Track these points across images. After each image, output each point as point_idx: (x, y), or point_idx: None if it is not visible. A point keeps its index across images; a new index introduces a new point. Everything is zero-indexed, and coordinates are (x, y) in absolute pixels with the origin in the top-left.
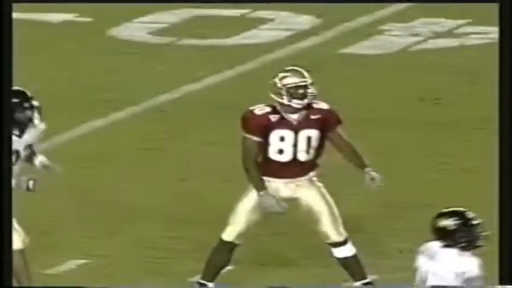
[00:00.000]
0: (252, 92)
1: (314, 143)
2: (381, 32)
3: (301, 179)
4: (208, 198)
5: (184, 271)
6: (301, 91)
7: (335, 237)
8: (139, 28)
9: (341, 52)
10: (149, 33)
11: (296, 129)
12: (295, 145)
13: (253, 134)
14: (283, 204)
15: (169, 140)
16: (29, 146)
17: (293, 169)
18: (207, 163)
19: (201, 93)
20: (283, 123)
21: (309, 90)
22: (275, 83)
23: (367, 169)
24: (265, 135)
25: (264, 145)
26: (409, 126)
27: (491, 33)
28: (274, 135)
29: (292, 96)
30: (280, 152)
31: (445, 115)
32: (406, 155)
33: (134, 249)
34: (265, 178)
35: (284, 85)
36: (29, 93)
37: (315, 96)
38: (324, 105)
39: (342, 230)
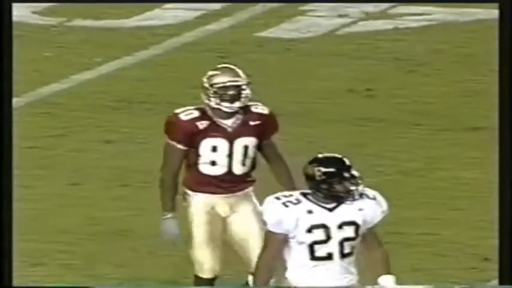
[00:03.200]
0: (156, 82)
1: (251, 152)
2: (303, 13)
3: (239, 193)
4: (104, 205)
5: None
6: (231, 92)
7: None
8: (21, 7)
9: (258, 35)
10: (34, 12)
11: (231, 138)
12: (230, 156)
13: (177, 141)
14: (177, 239)
15: (59, 138)
16: (350, 223)
17: (228, 183)
18: (103, 165)
19: (96, 83)
20: (215, 130)
21: (244, 92)
22: (203, 83)
23: None
24: (192, 144)
25: (193, 156)
26: (338, 121)
27: (430, 14)
28: (205, 145)
29: (221, 98)
30: (213, 163)
31: (379, 109)
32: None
33: (16, 266)
34: (199, 194)
35: (212, 85)
36: (347, 162)
37: (248, 99)
38: (263, 109)
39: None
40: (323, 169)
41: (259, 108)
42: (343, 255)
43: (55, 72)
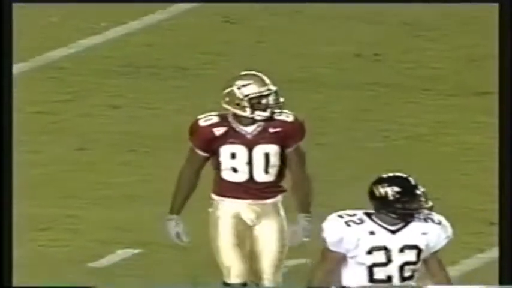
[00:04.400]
0: (162, 47)
1: (274, 160)
2: None
3: (266, 202)
4: (111, 171)
5: (82, 258)
6: (264, 101)
7: (266, 280)
8: None
9: None
10: None
11: (250, 145)
12: (249, 163)
13: (197, 147)
14: (184, 238)
15: (66, 103)
16: (412, 247)
17: (252, 191)
18: (110, 130)
19: (103, 48)
20: (233, 136)
21: (274, 99)
22: (232, 93)
23: (302, 215)
24: (211, 150)
25: (215, 162)
26: (345, 86)
27: None
28: (224, 152)
29: (253, 107)
30: (234, 170)
31: (386, 74)
32: (342, 121)
33: (23, 230)
34: (225, 199)
35: (246, 95)
36: (413, 181)
37: (280, 107)
38: (287, 117)
39: (278, 277)
40: (396, 188)
41: (283, 116)
42: (403, 279)
43: (62, 37)
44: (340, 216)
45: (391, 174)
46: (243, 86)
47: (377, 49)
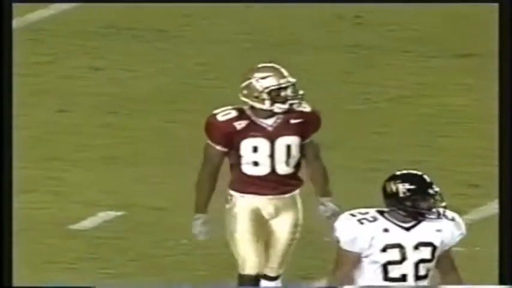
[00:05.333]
0: (144, 9)
1: (294, 152)
2: None
3: (286, 196)
4: (92, 133)
5: (64, 220)
6: (283, 93)
7: (270, 270)
8: None
9: None
10: None
11: (272, 137)
12: (271, 156)
13: (216, 142)
14: (207, 237)
15: (46, 65)
16: (426, 244)
17: (274, 184)
18: (91, 91)
19: (84, 9)
20: (254, 130)
21: (290, 91)
22: (252, 86)
23: (324, 199)
24: (231, 145)
25: (235, 157)
26: (326, 48)
27: None
28: (246, 145)
29: (273, 100)
30: (255, 164)
31: (368, 36)
32: (324, 83)
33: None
34: (245, 195)
35: (266, 88)
36: (428, 179)
37: (301, 99)
38: (304, 107)
39: (281, 268)
40: (408, 186)
41: (301, 106)
42: (417, 278)
43: None
44: (353, 215)
45: (405, 171)
46: (262, 78)
47: (358, 11)
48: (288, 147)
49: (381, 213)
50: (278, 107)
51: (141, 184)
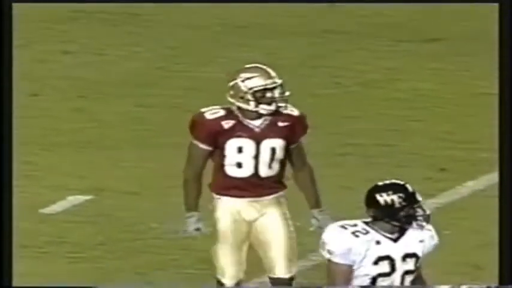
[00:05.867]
0: None
1: (279, 155)
2: None
3: (268, 198)
4: (63, 117)
5: (35, 204)
6: (269, 94)
7: (280, 271)
8: None
9: None
10: None
11: (258, 138)
12: (256, 157)
13: (201, 141)
14: (203, 231)
15: (17, 49)
16: (412, 255)
17: (255, 186)
18: (62, 75)
19: None
20: (241, 130)
21: (279, 93)
22: (237, 86)
23: (316, 211)
24: (217, 144)
25: (219, 157)
26: (298, 33)
27: None
28: (231, 145)
29: (258, 101)
30: (239, 165)
31: (339, 21)
32: (294, 67)
33: None
34: (225, 198)
35: (250, 88)
36: (410, 189)
37: (286, 100)
38: (292, 111)
39: (293, 267)
40: (402, 195)
41: (289, 109)
42: None
43: None
44: (344, 227)
45: (387, 182)
46: (248, 78)
47: None
48: (273, 149)
49: (367, 224)
50: (263, 108)
51: (111, 168)
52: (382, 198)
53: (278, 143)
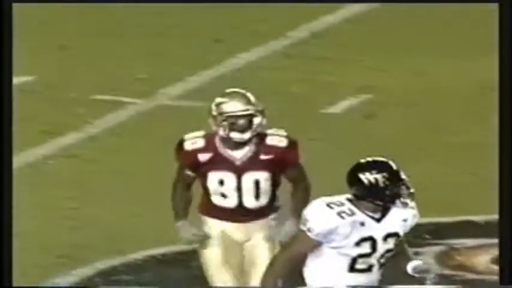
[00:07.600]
0: None
1: (265, 186)
2: None
3: (257, 222)
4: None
5: None
6: (242, 122)
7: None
8: None
9: None
10: None
11: (238, 171)
12: (239, 189)
13: (184, 168)
14: (201, 233)
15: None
16: (393, 235)
17: (242, 215)
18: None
19: None
20: (219, 162)
21: (255, 121)
22: (210, 110)
23: (293, 221)
24: (199, 173)
25: (203, 184)
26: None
27: None
28: (212, 178)
29: (230, 128)
30: (223, 195)
31: None
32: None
33: None
34: (213, 220)
35: (221, 113)
36: (395, 166)
37: (260, 128)
38: (280, 141)
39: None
40: (386, 174)
41: (275, 140)
42: (380, 266)
43: None
44: (330, 206)
45: (370, 159)
46: (221, 103)
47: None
48: (257, 182)
49: (352, 202)
50: (235, 136)
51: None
52: (366, 177)
53: (262, 176)
